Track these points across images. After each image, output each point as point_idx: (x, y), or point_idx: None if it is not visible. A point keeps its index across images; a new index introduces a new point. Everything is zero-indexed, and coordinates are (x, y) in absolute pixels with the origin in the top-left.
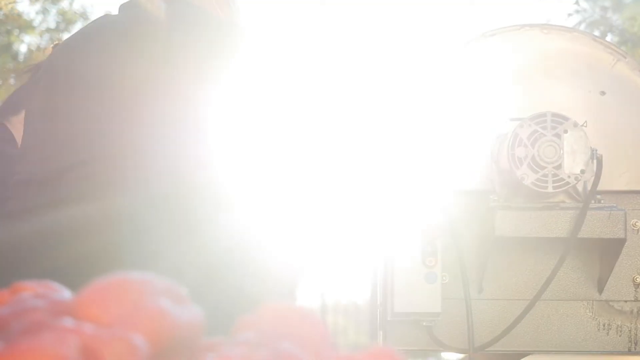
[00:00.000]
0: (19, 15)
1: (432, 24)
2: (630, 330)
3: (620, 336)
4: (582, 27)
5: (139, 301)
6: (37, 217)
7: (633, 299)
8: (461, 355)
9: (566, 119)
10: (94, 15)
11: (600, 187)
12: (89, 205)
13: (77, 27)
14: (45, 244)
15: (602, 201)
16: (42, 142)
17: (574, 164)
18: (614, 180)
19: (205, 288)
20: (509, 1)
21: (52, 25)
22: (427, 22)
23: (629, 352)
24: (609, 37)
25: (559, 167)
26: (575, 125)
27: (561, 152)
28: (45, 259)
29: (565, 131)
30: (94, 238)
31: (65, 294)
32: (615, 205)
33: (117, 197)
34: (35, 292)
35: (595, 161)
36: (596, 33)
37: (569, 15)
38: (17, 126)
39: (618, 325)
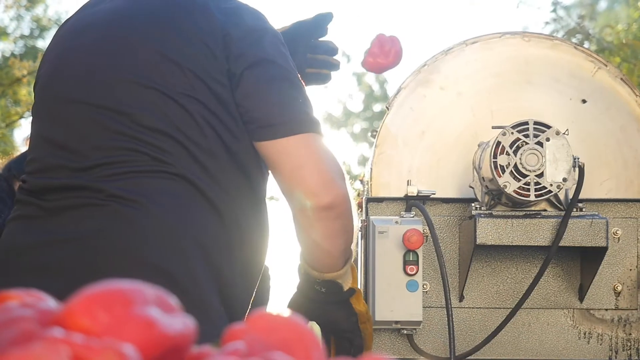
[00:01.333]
0: None
1: (418, 29)
2: (611, 339)
3: (601, 345)
4: (559, 35)
5: (129, 311)
6: (51, 223)
7: (614, 308)
8: None
9: (548, 127)
10: None
11: (581, 195)
12: (103, 211)
13: (51, 34)
14: (57, 251)
15: (583, 209)
16: (55, 148)
17: (556, 172)
18: (595, 188)
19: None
20: (486, 9)
21: (26, 32)
22: (413, 27)
23: None
24: (585, 46)
25: (541, 175)
26: (558, 133)
27: (543, 160)
28: (54, 264)
29: (547, 139)
30: (104, 244)
31: (52, 303)
32: (597, 213)
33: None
34: (22, 301)
35: (577, 169)
36: (573, 41)
37: (546, 23)
38: None
39: (599, 334)
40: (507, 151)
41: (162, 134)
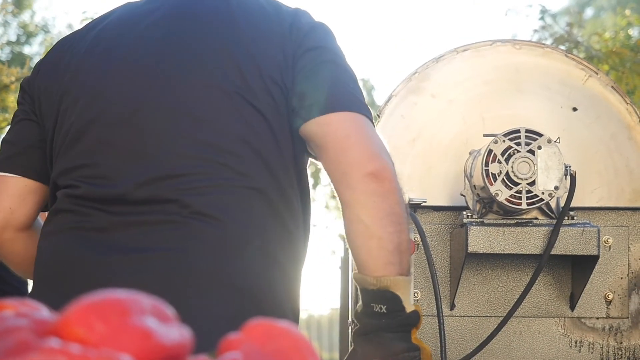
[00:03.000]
0: None
1: (408, 36)
2: (602, 348)
3: (592, 353)
4: (547, 43)
5: (125, 321)
6: (124, 237)
7: (605, 316)
8: None
9: (540, 135)
10: (55, 28)
11: (572, 203)
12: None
13: (38, 40)
14: (135, 267)
15: (575, 217)
16: (124, 154)
17: (547, 180)
18: (585, 196)
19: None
20: (475, 17)
21: (13, 38)
22: (403, 35)
23: None
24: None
25: (533, 183)
26: (549, 141)
27: (535, 168)
28: (113, 278)
29: (539, 147)
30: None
31: (46, 313)
32: (588, 221)
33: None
34: (16, 310)
35: (568, 177)
36: (562, 49)
37: (535, 31)
38: None
39: (590, 343)
40: (498, 159)
41: (244, 144)
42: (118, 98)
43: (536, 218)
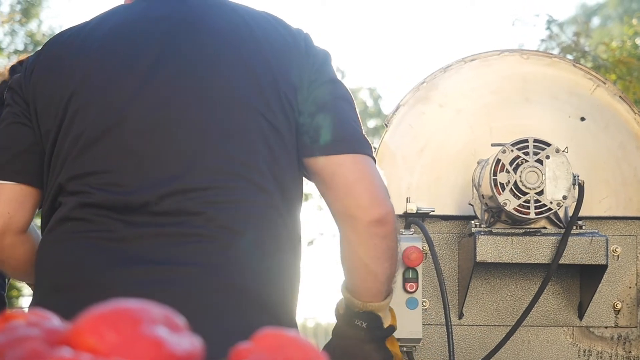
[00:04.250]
0: None
1: (416, 46)
2: (610, 357)
3: None
4: (554, 52)
5: (137, 330)
6: (143, 248)
7: (613, 325)
8: None
9: (548, 144)
10: None
11: (580, 213)
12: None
13: None
14: (159, 281)
15: (583, 227)
16: (146, 163)
17: (556, 189)
18: (594, 205)
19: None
20: (482, 27)
21: (20, 47)
22: (410, 44)
23: None
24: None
25: (541, 193)
26: (557, 150)
27: (543, 177)
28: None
29: (547, 157)
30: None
31: (57, 322)
32: (596, 231)
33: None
34: (27, 320)
35: (577, 187)
36: (569, 58)
37: (542, 41)
38: None
39: (598, 352)
40: (507, 169)
41: (264, 161)
42: (140, 107)
43: (544, 227)
